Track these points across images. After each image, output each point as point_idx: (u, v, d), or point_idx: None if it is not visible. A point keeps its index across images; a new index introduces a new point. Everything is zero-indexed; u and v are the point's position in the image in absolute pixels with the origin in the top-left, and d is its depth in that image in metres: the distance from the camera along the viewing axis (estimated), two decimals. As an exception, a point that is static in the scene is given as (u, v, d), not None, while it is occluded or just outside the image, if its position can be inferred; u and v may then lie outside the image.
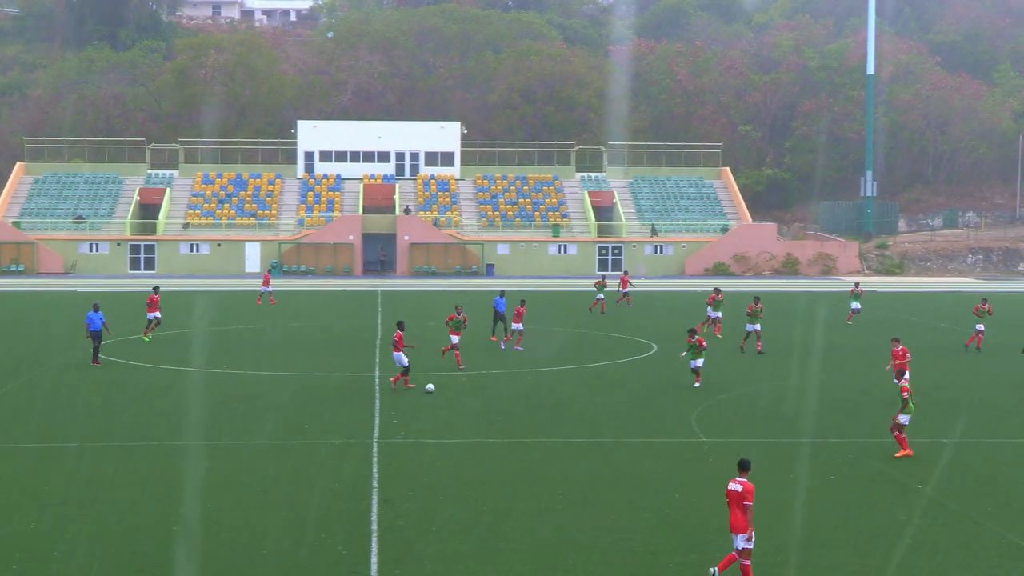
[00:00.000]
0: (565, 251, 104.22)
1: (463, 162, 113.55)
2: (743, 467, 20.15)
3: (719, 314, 55.42)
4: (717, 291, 57.18)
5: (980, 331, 51.02)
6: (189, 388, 40.14)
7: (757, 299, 50.92)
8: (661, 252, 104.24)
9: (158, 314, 51.70)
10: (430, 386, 28.98)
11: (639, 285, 78.56)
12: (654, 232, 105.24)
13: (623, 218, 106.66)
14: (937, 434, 32.77)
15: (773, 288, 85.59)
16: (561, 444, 31.31)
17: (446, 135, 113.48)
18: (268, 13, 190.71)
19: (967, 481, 27.24)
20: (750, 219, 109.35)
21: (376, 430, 32.76)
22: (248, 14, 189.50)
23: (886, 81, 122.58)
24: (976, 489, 26.48)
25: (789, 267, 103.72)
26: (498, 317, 52.19)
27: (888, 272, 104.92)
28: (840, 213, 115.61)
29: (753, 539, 19.60)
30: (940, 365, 46.62)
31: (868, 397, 38.91)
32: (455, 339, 44.30)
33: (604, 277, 73.45)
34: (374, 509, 24.37)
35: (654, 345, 51.88)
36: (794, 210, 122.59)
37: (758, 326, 49.60)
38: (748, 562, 19.57)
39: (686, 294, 79.79)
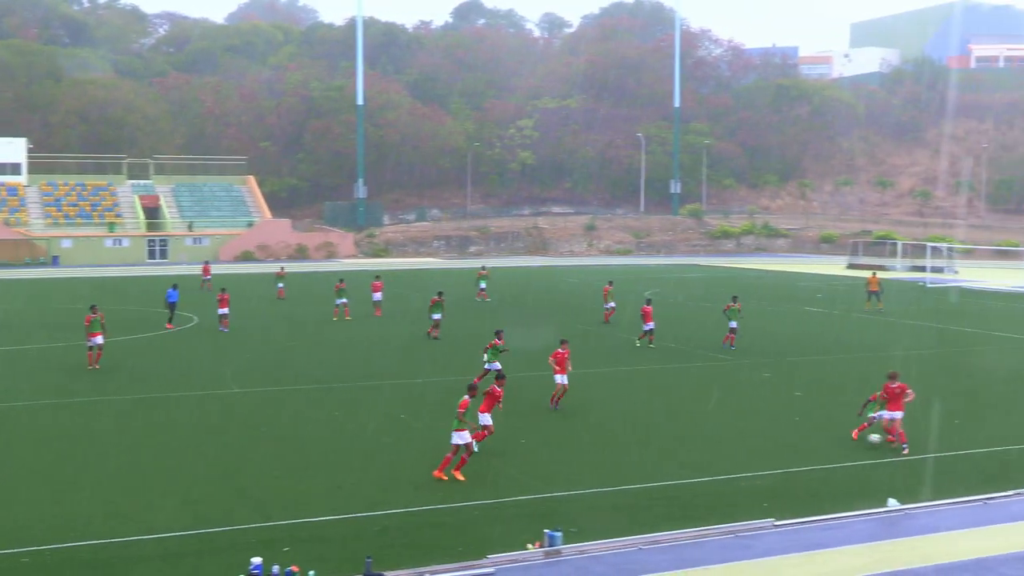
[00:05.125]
0: (120, 244, 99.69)
1: (30, 171, 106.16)
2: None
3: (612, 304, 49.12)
4: (610, 282, 48.20)
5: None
6: None
7: (735, 298, 42.73)
8: (200, 243, 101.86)
9: None
10: (874, 437, 24.14)
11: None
12: (191, 227, 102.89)
13: (167, 216, 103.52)
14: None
15: (297, 270, 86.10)
16: (117, 400, 30.62)
17: (13, 149, 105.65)
18: None
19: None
20: (270, 216, 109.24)
21: None
22: None
23: (373, 109, 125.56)
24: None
25: (301, 252, 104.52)
26: (169, 307, 48.19)
27: (376, 255, 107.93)
28: (339, 211, 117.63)
29: None
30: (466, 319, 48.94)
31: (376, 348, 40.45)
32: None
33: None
34: None
35: (195, 317, 51.25)
36: (304, 208, 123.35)
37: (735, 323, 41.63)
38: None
39: (258, 275, 78.46)
